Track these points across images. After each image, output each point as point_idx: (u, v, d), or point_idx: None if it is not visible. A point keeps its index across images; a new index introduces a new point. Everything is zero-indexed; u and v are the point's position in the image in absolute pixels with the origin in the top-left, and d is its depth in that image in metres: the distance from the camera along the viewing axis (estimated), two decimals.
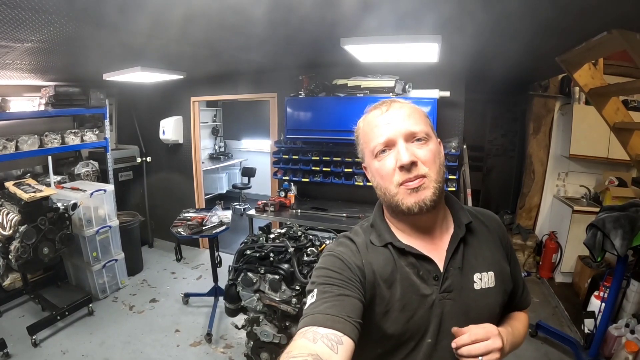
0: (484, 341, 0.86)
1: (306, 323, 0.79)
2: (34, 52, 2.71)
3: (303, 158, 4.27)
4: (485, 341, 0.86)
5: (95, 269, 4.06)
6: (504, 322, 1.08)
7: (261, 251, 2.53)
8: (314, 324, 0.77)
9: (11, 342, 3.28)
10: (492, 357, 0.85)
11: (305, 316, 0.82)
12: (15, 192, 3.39)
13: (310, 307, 0.84)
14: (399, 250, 0.95)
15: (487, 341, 0.86)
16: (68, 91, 4.42)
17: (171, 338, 3.49)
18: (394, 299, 0.92)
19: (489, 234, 1.06)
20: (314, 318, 0.79)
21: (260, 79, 4.68)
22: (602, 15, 1.85)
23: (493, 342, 0.86)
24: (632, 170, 4.23)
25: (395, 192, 0.92)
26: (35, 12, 1.80)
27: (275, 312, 2.54)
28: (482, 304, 0.96)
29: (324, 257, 0.98)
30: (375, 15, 1.98)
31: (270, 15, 1.98)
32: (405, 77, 3.76)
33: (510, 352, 0.98)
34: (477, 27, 2.20)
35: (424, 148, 0.92)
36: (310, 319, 0.79)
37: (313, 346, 0.72)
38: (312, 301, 0.85)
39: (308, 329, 0.77)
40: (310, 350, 0.71)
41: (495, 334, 0.88)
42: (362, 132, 1.01)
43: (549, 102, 4.67)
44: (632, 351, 2.71)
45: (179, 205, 5.00)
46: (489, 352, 0.85)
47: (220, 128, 8.56)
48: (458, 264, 0.96)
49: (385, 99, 1.01)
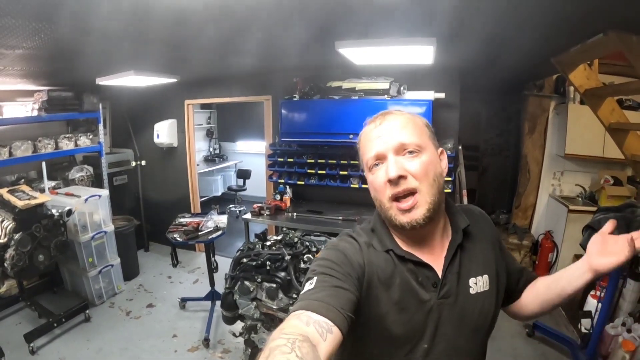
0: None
1: (301, 306, 0.81)
2: (26, 58, 2.69)
3: (298, 161, 4.26)
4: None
5: (91, 275, 4.03)
6: (542, 284, 1.13)
7: (258, 259, 2.52)
8: (308, 309, 0.79)
9: (8, 349, 3.26)
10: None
11: (301, 300, 0.84)
12: (10, 199, 3.35)
13: (308, 292, 0.85)
14: (399, 257, 0.97)
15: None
16: (61, 96, 4.39)
17: (169, 343, 3.48)
18: (391, 302, 0.93)
19: (481, 233, 1.07)
20: (310, 303, 0.81)
21: (254, 82, 4.66)
22: (601, 18, 1.86)
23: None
24: (627, 168, 4.24)
25: (389, 207, 0.94)
26: (25, 20, 1.78)
27: (273, 320, 2.53)
28: (477, 308, 0.98)
29: (327, 250, 0.99)
30: (370, 17, 1.97)
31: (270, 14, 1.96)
32: (400, 79, 3.75)
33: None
34: (473, 29, 2.20)
35: (415, 160, 0.92)
36: (306, 303, 0.81)
37: (305, 328, 0.74)
38: (310, 287, 0.87)
39: (302, 313, 0.78)
40: (302, 331, 0.73)
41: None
42: (360, 145, 1.02)
43: (543, 101, 4.67)
44: (629, 350, 2.73)
45: (175, 208, 4.98)
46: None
47: (215, 130, 8.54)
48: (455, 269, 0.98)
49: (382, 111, 1.01)
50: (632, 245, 0.88)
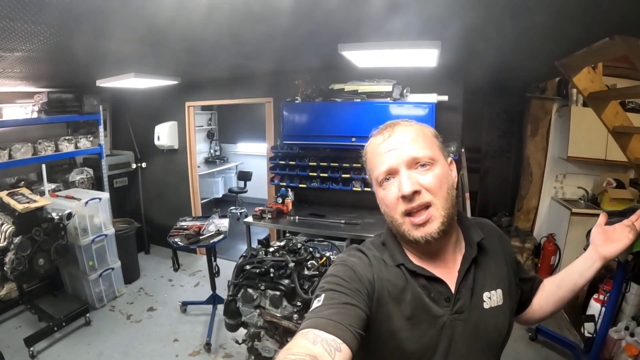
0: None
1: (308, 325, 0.78)
2: (25, 60, 2.68)
3: (300, 164, 4.23)
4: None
5: (91, 278, 4.01)
6: (551, 284, 1.17)
7: (261, 267, 2.49)
8: (315, 327, 0.77)
9: (8, 354, 3.25)
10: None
11: (309, 318, 0.81)
12: (9, 203, 3.33)
13: (315, 310, 0.83)
14: (411, 272, 0.94)
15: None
16: (61, 97, 4.37)
17: (170, 348, 3.46)
18: (403, 318, 0.91)
19: (495, 247, 1.05)
20: (317, 321, 0.78)
21: (255, 84, 4.64)
22: (606, 21, 1.84)
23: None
24: (630, 171, 4.23)
25: (402, 222, 0.91)
26: (24, 23, 1.77)
27: (277, 328, 2.51)
28: (492, 323, 0.96)
29: (336, 265, 0.97)
30: (373, 21, 1.96)
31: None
32: (402, 82, 3.73)
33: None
34: (477, 33, 2.19)
35: (428, 174, 0.89)
36: (313, 321, 0.79)
37: (312, 348, 0.72)
38: (317, 305, 0.84)
39: (309, 331, 0.76)
40: (309, 351, 0.71)
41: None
42: (367, 158, 0.99)
43: (546, 104, 4.66)
44: (632, 354, 2.71)
45: (175, 211, 4.97)
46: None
47: (216, 132, 8.51)
48: (470, 284, 0.95)
49: (389, 122, 0.99)
50: (634, 228, 0.99)
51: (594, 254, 1.03)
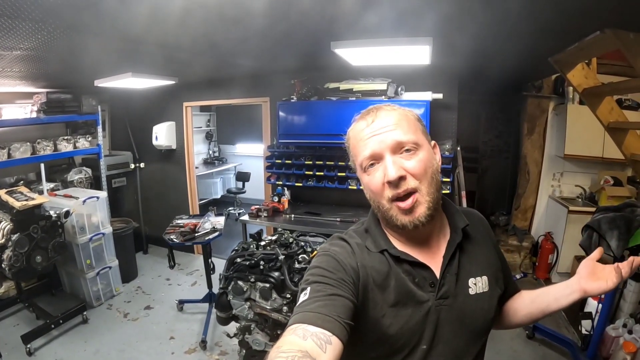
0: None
1: (297, 320, 0.78)
2: (24, 59, 2.69)
3: (296, 162, 4.25)
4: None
5: (89, 277, 4.02)
6: (527, 296, 1.13)
7: (251, 259, 2.50)
8: (304, 322, 0.76)
9: (6, 351, 3.27)
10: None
11: (296, 313, 0.80)
12: (7, 200, 3.35)
13: (302, 304, 0.82)
14: (395, 257, 0.94)
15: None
16: (60, 98, 4.41)
17: (166, 345, 3.46)
18: (387, 304, 0.90)
19: (481, 236, 1.05)
20: (305, 315, 0.78)
21: (252, 84, 4.66)
22: (599, 15, 1.84)
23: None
24: (627, 169, 4.22)
25: (389, 207, 0.91)
26: (22, 21, 1.78)
27: (267, 320, 2.51)
28: (477, 309, 0.96)
29: (319, 256, 0.96)
30: (364, 17, 1.96)
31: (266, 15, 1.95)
32: (397, 80, 3.75)
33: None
34: (470, 29, 2.18)
35: (413, 159, 0.89)
36: (301, 316, 0.78)
37: (303, 343, 0.71)
38: (304, 299, 0.83)
39: (298, 326, 0.75)
40: (300, 347, 0.70)
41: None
42: (350, 144, 0.99)
43: (542, 102, 4.66)
44: (630, 352, 2.70)
45: (173, 211, 4.97)
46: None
47: (214, 133, 8.53)
48: (454, 270, 0.95)
49: (372, 106, 0.98)
50: (619, 273, 0.91)
51: (575, 284, 0.97)
